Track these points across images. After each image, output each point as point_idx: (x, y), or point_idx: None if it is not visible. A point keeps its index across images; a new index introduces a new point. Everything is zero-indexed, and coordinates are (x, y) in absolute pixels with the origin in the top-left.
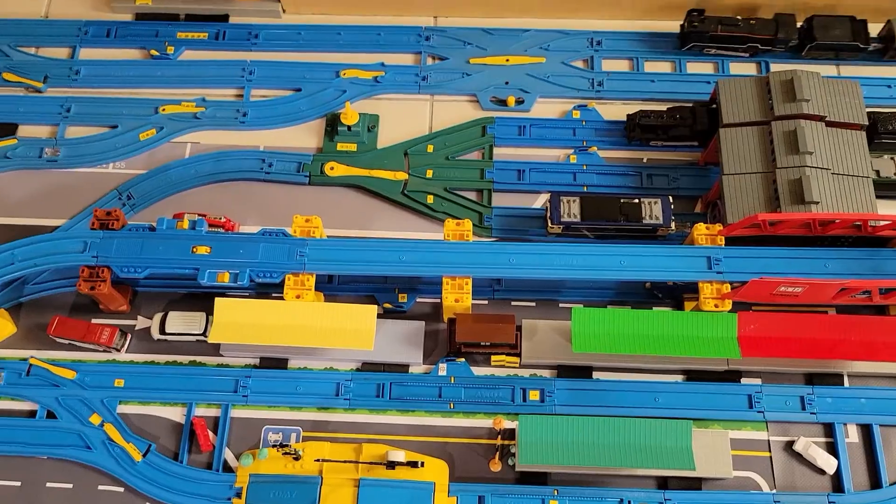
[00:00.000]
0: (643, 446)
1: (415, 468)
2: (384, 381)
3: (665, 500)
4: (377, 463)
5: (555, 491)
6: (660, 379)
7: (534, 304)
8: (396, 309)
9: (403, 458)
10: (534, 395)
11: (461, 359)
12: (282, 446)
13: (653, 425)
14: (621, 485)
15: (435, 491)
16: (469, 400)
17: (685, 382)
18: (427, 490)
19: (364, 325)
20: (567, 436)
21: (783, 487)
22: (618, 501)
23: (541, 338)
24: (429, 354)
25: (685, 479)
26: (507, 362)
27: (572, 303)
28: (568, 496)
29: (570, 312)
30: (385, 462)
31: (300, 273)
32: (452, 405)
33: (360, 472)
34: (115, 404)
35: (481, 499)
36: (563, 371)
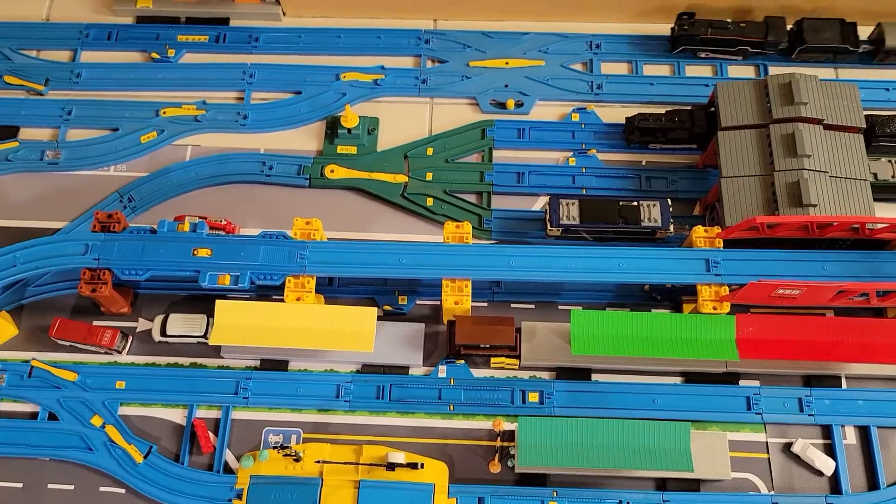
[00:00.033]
0: (642, 448)
1: (415, 470)
2: (384, 383)
3: (664, 502)
4: (377, 464)
5: (554, 492)
6: (658, 381)
7: (533, 307)
8: (396, 311)
9: (403, 460)
10: (533, 397)
11: (461, 361)
12: (282, 448)
13: (651, 427)
14: (620, 486)
15: (435, 492)
16: (469, 402)
17: (684, 384)
18: (427, 491)
19: (364, 328)
20: (566, 437)
21: (781, 489)
22: (617, 503)
23: (540, 340)
24: (429, 356)
25: (684, 481)
26: (507, 364)
27: (571, 305)
28: (567, 497)
29: (570, 315)
30: (385, 463)
31: (300, 275)
32: (452, 407)
33: (361, 474)
34: (117, 406)
35: (481, 500)
36: (563, 373)
